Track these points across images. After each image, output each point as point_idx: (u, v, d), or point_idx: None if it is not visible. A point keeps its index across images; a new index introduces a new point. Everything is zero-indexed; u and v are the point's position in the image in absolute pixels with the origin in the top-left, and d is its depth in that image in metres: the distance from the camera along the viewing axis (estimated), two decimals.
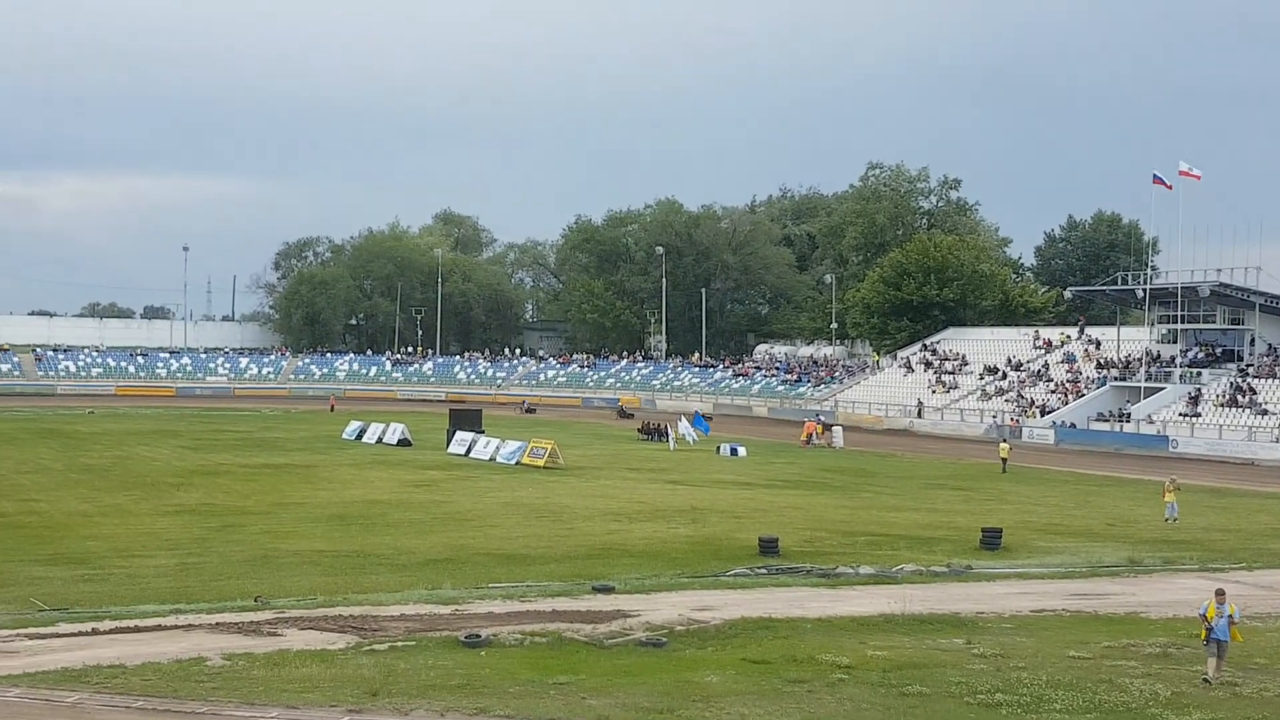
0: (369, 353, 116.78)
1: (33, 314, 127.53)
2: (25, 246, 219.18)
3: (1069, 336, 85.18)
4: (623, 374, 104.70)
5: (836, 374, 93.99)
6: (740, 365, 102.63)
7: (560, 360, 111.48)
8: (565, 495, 40.44)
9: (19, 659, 17.92)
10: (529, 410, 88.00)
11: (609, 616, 21.43)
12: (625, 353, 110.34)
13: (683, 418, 66.72)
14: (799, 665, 18.17)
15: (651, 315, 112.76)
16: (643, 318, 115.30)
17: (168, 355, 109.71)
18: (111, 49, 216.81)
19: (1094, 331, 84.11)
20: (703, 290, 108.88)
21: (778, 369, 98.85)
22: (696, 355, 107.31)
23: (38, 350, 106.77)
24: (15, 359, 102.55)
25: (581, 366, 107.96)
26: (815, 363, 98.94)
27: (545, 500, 39.04)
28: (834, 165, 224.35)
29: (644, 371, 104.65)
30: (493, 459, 50.89)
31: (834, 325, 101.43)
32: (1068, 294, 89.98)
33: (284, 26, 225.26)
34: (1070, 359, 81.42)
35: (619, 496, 40.56)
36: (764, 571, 26.76)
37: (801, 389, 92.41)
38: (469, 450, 53.11)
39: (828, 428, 68.08)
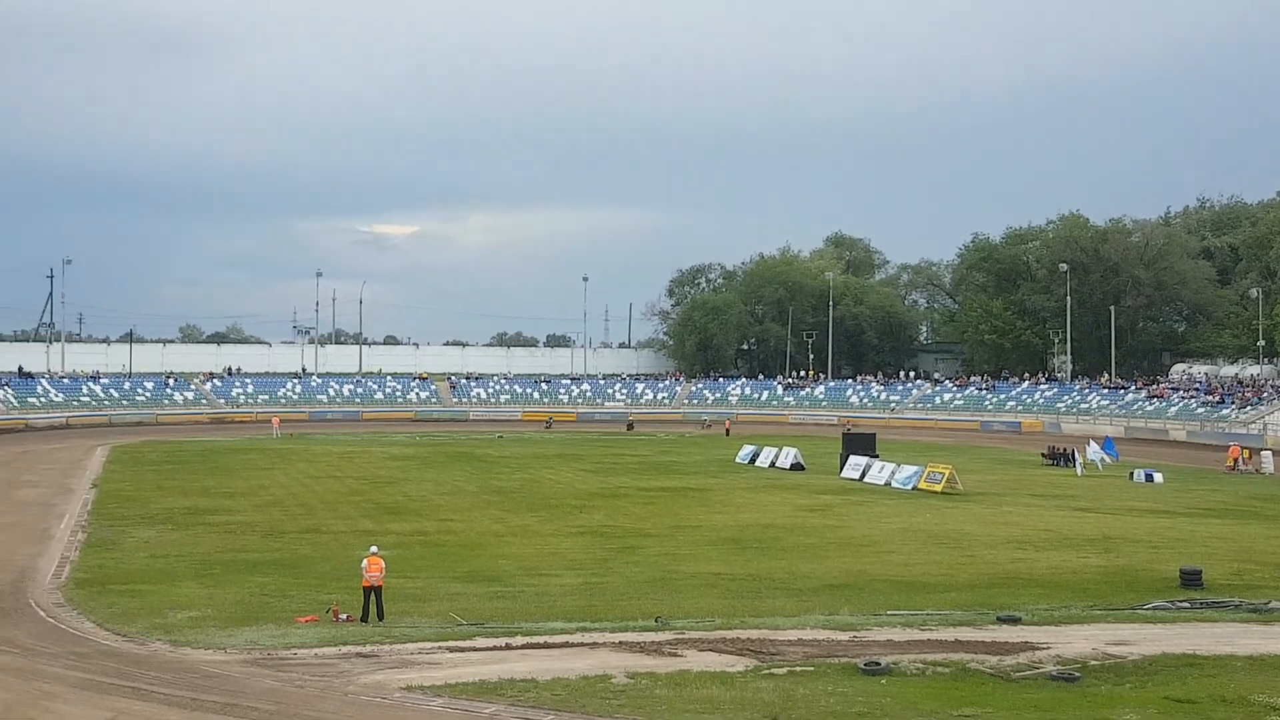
0: (760, 377, 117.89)
1: (448, 344, 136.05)
2: (441, 280, 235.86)
3: None
4: (1024, 396, 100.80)
5: (1265, 395, 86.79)
6: (1154, 386, 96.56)
7: (957, 383, 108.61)
8: (965, 521, 39.18)
9: (440, 670, 18.86)
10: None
11: (1016, 648, 20.47)
12: (1026, 374, 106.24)
13: (1091, 441, 63.43)
14: (1228, 706, 16.64)
15: (1055, 335, 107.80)
16: (1045, 337, 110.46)
17: (569, 382, 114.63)
18: (514, 93, 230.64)
19: None
20: (1111, 308, 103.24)
21: (1196, 390, 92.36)
22: (1105, 376, 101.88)
23: (452, 378, 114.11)
24: (433, 387, 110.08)
25: (980, 389, 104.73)
26: (1240, 383, 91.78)
27: (944, 526, 37.96)
28: (1259, 172, 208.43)
29: (1047, 394, 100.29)
30: (888, 484, 50.01)
31: (1261, 342, 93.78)
32: None
33: (678, 65, 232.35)
34: None
35: (1023, 523, 38.88)
36: (1186, 605, 24.93)
37: (1224, 411, 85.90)
38: (863, 475, 52.43)
39: (1255, 452, 62.91)
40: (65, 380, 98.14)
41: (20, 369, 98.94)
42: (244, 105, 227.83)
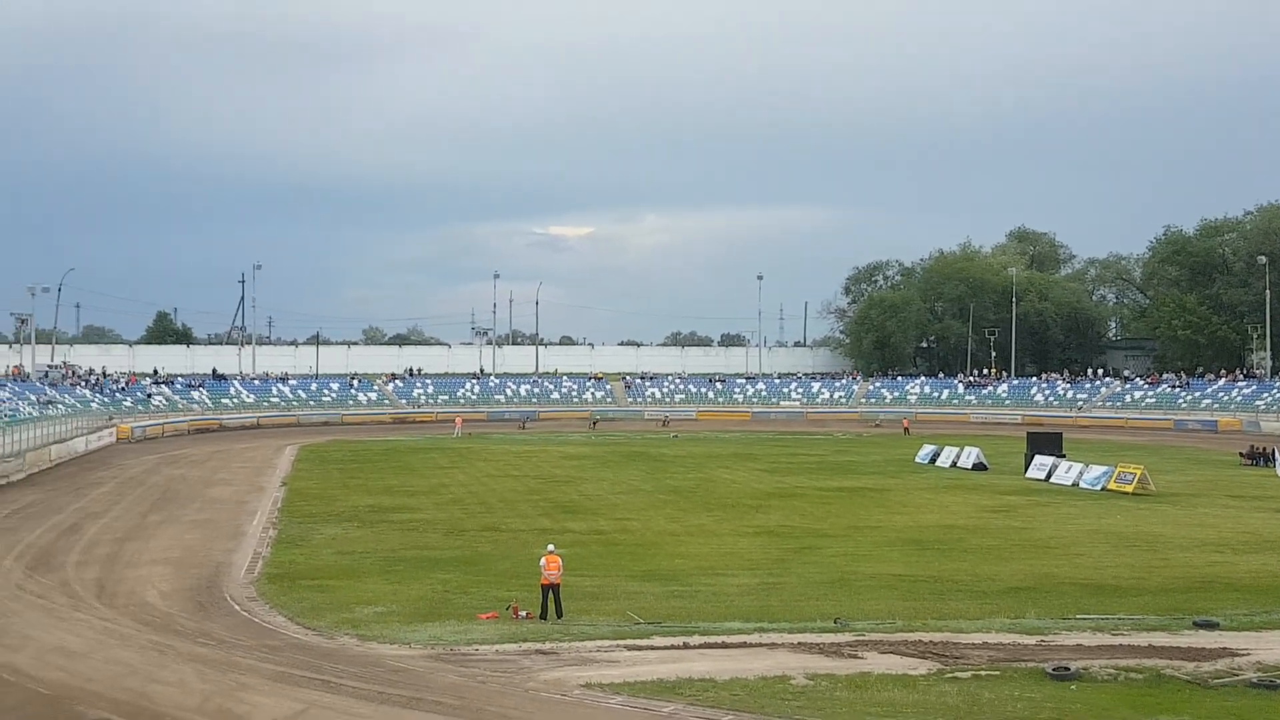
0: (940, 375, 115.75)
1: (622, 344, 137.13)
2: (615, 280, 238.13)
3: None
4: (1220, 394, 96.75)
5: None
6: None
7: (1148, 380, 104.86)
8: (1157, 523, 37.77)
9: (619, 669, 18.93)
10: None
11: (1213, 654, 19.71)
12: (1223, 371, 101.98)
13: None
14: None
15: (1253, 330, 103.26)
16: (1242, 333, 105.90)
17: (744, 381, 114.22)
18: (686, 94, 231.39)
19: None
20: None
21: None
22: None
23: (627, 378, 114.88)
24: (607, 386, 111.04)
25: (1172, 387, 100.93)
26: None
27: (1135, 528, 36.65)
28: None
29: (1245, 391, 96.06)
30: (1075, 484, 48.54)
31: None
32: None
33: (852, 62, 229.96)
34: None
35: (1219, 526, 37.31)
36: None
37: None
38: (1049, 475, 50.98)
39: None
40: (256, 382, 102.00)
41: (214, 371, 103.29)
42: (423, 114, 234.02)
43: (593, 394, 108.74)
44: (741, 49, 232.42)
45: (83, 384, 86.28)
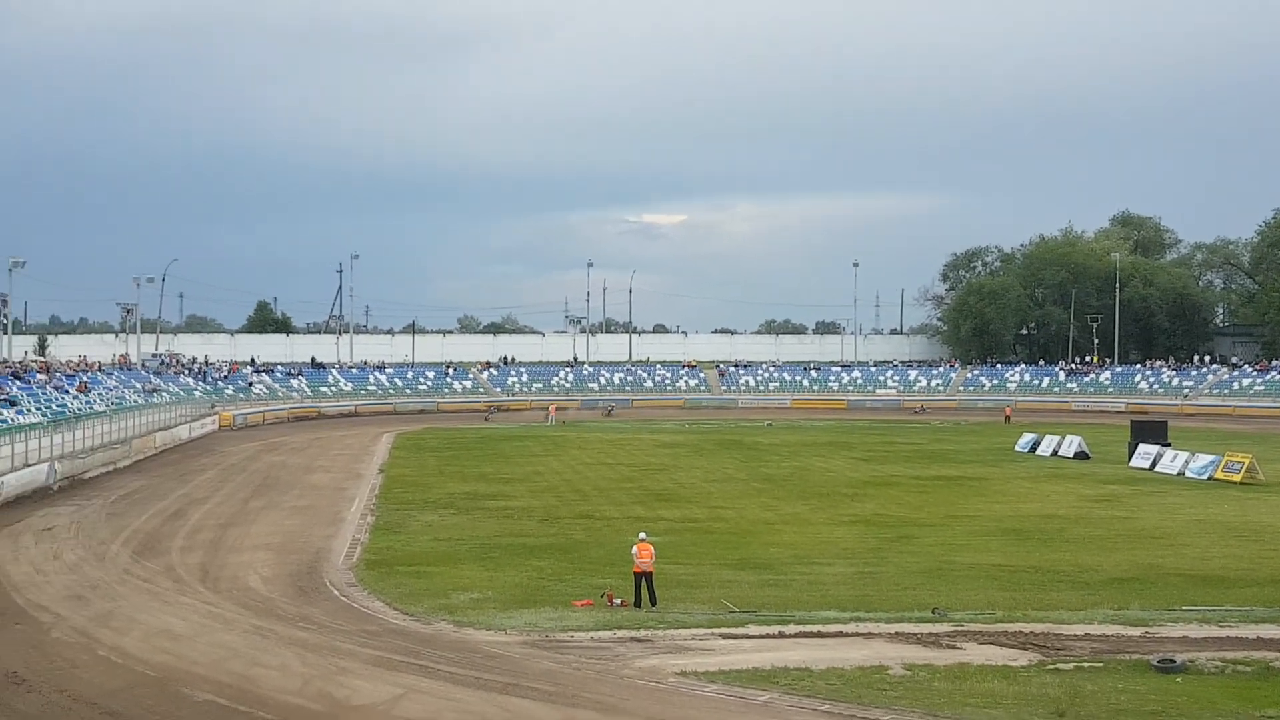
0: (1041, 363, 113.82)
1: (716, 332, 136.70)
2: (709, 268, 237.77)
3: None
4: None
5: None
6: None
7: (1257, 367, 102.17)
8: (1266, 513, 36.85)
9: (714, 657, 18.90)
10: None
11: None
12: None
13: None
14: None
15: None
16: None
17: (839, 369, 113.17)
18: (780, 80, 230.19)
19: None
20: None
21: None
22: None
23: (721, 366, 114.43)
24: (701, 374, 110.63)
25: None
26: None
27: (1244, 518, 35.77)
28: None
29: None
30: (1181, 473, 47.49)
31: None
32: None
33: (946, 47, 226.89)
34: None
35: None
36: None
37: None
38: (1154, 464, 49.93)
39: None
40: (353, 370, 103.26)
41: (313, 359, 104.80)
42: (517, 104, 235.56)
43: (686, 382, 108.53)
44: (835, 34, 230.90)
45: (186, 372, 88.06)
